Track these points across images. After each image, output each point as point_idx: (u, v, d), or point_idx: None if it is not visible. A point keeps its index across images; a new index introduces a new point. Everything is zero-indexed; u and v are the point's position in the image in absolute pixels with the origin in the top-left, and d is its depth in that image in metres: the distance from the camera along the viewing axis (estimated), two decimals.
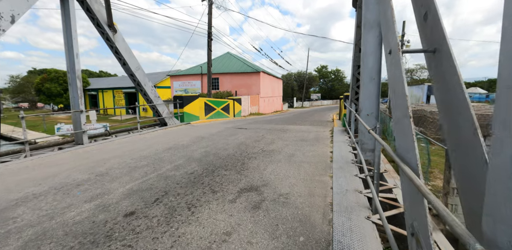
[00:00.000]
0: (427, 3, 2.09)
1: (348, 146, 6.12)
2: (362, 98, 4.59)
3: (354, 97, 7.20)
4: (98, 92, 47.49)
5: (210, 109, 13.75)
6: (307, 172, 4.32)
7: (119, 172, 4.41)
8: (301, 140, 7.20)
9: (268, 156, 5.45)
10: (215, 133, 8.66)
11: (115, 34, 7.89)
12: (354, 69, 6.58)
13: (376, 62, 4.47)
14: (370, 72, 4.50)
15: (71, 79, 6.74)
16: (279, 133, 8.55)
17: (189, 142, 6.99)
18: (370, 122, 4.55)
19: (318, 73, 70.52)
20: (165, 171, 4.48)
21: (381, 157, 4.79)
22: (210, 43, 16.56)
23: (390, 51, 2.13)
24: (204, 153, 5.74)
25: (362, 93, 4.59)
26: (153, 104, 9.58)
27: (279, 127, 10.20)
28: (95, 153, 5.90)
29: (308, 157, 5.28)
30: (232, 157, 5.41)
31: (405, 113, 1.68)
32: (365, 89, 4.57)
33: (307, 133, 8.63)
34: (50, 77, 46.88)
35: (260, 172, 4.35)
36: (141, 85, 8.97)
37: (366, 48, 4.50)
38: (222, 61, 31.11)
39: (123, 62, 8.36)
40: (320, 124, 12.26)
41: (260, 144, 6.68)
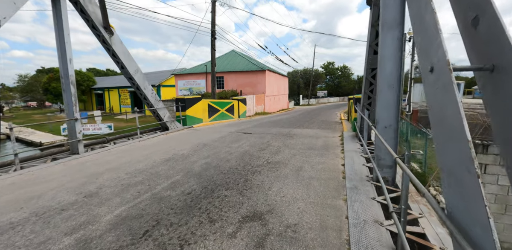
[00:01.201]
0: (478, 3, 1.58)
1: (361, 157, 5.62)
2: (379, 108, 4.08)
3: (366, 102, 6.66)
4: (104, 91, 47.64)
5: (213, 110, 13.33)
6: (318, 193, 3.85)
7: (110, 192, 4.01)
8: (309, 149, 6.71)
9: (273, 169, 5.00)
10: (218, 139, 8.24)
11: (112, 36, 7.48)
12: (367, 72, 6.04)
13: (395, 67, 3.95)
14: (388, 79, 3.98)
15: (64, 84, 6.38)
16: (285, 139, 8.08)
17: (189, 151, 6.58)
18: (388, 135, 4.04)
19: (325, 70, 69.43)
20: (160, 190, 4.07)
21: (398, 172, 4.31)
22: (214, 42, 16.08)
23: (432, 69, 1.63)
24: (205, 166, 5.32)
25: (379, 102, 4.07)
26: (154, 109, 9.20)
27: (285, 131, 9.71)
28: (89, 165, 5.53)
29: (318, 172, 4.81)
30: (234, 171, 4.98)
31: (471, 170, 1.19)
32: (382, 97, 4.05)
33: (315, 139, 8.13)
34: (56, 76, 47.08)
35: (265, 193, 3.90)
36: (141, 89, 8.58)
37: (384, 51, 3.97)
38: (227, 60, 30.62)
39: (121, 65, 7.96)
40: (329, 126, 11.72)
41: (265, 154, 6.22)
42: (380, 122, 4.10)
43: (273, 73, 30.13)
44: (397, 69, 3.95)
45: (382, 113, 4.08)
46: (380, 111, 4.08)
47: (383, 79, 4.01)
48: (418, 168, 10.37)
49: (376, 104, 4.18)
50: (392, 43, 3.92)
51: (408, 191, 2.43)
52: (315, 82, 59.91)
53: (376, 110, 4.14)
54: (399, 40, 3.90)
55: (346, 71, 71.06)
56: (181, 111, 10.68)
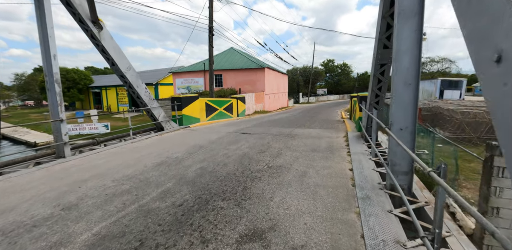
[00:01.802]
0: None
1: (370, 161, 5.18)
2: (394, 108, 3.63)
3: (374, 100, 6.21)
4: (101, 90, 47.13)
5: (211, 110, 12.87)
6: (326, 204, 3.41)
7: (92, 203, 3.57)
8: (313, 151, 6.27)
9: (275, 175, 4.55)
10: (215, 140, 7.78)
11: (101, 31, 6.99)
12: (375, 68, 5.58)
13: (412, 62, 3.49)
14: (405, 75, 3.53)
15: (48, 83, 5.90)
16: (286, 140, 7.63)
17: (184, 154, 6.13)
18: (404, 138, 3.60)
19: (325, 68, 68.89)
20: (148, 201, 3.62)
21: (414, 180, 3.83)
22: (212, 38, 15.57)
23: (500, 58, 1.18)
24: (200, 171, 4.87)
25: (394, 101, 3.62)
26: (148, 108, 8.73)
27: (286, 131, 9.27)
28: (73, 171, 5.08)
29: (324, 178, 4.37)
30: (232, 177, 4.53)
31: None
32: (397, 96, 3.60)
33: (318, 139, 7.68)
34: None
35: (266, 204, 3.46)
36: (133, 87, 8.11)
37: (400, 44, 3.52)
38: (226, 57, 30.08)
39: (112, 62, 7.48)
40: (331, 126, 11.28)
41: (266, 157, 5.78)
42: (395, 123, 3.65)
43: (273, 70, 29.63)
44: (414, 64, 3.49)
45: (398, 113, 3.63)
46: (395, 112, 3.64)
47: (398, 76, 3.56)
48: None
49: (390, 104, 3.74)
50: (409, 35, 3.47)
51: (443, 211, 1.99)
52: (315, 80, 59.39)
53: (391, 111, 3.69)
54: (417, 32, 3.44)
55: (346, 68, 70.51)
56: (177, 111, 10.21)
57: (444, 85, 28.64)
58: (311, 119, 14.92)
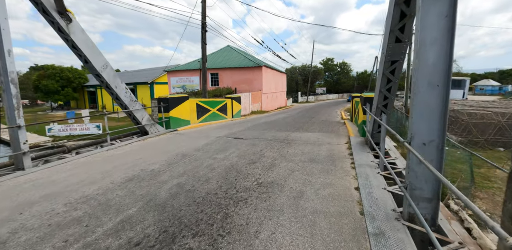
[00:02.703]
0: None
1: (378, 176, 4.37)
2: (415, 115, 2.81)
3: (382, 104, 5.39)
4: (96, 89, 46.28)
5: (203, 111, 12.03)
6: (327, 244, 2.59)
7: (25, 240, 2.74)
8: (311, 161, 5.46)
9: (265, 196, 3.74)
10: (202, 147, 6.96)
11: (70, 24, 6.14)
12: (384, 66, 4.76)
13: (441, 56, 2.67)
14: (430, 74, 2.71)
15: (4, 83, 5.06)
16: (281, 147, 6.81)
17: (162, 166, 5.30)
18: (428, 155, 2.78)
19: (324, 66, 68.04)
20: (99, 236, 2.80)
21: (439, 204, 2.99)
22: (205, 35, 14.70)
23: None
24: (175, 189, 4.05)
25: (416, 107, 2.80)
26: (129, 111, 7.89)
27: (282, 136, 8.44)
28: (26, 188, 4.24)
29: (324, 201, 3.55)
30: (212, 198, 3.71)
31: None
32: (419, 101, 2.78)
33: (317, 146, 6.86)
34: (47, 73, 45.57)
35: (250, 243, 2.64)
36: (111, 88, 7.26)
37: (425, 34, 2.69)
38: (222, 55, 29.19)
39: (85, 59, 6.63)
40: (331, 129, 10.46)
41: (256, 170, 4.96)
42: (417, 136, 2.83)
43: (270, 69, 28.78)
44: (444, 59, 2.67)
45: (420, 123, 2.81)
46: (416, 121, 2.82)
47: (421, 74, 2.74)
48: None
49: (410, 111, 2.91)
50: (437, 22, 2.64)
51: None
52: (314, 79, 58.55)
53: (411, 119, 2.87)
54: (448, 18, 2.62)
55: (345, 67, 69.70)
56: (163, 113, 9.37)
57: None
58: (310, 121, 14.10)
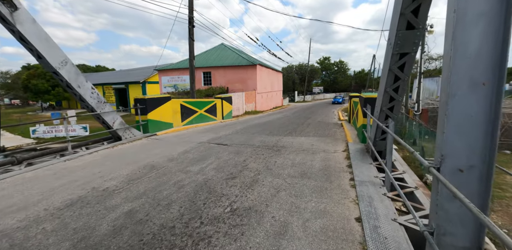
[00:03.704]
0: None
1: (385, 198, 3.43)
2: (448, 129, 1.87)
3: (387, 106, 4.45)
4: None
5: (189, 112, 11.05)
6: None
7: None
8: (302, 176, 4.52)
9: (236, 233, 2.79)
10: (177, 155, 6.00)
11: (16, 12, 5.14)
12: (391, 60, 3.82)
13: (491, 41, 1.74)
14: (472, 66, 1.78)
15: None
16: (269, 156, 5.87)
17: (120, 183, 4.34)
18: (466, 186, 1.86)
19: (321, 65, 67.24)
20: None
21: None
22: (192, 30, 13.71)
23: None
24: (122, 220, 3.09)
25: (448, 117, 1.86)
26: (97, 113, 6.90)
27: (272, 141, 7.50)
28: None
29: (315, 241, 2.61)
30: (166, 235, 2.76)
31: None
32: (455, 107, 1.85)
33: (311, 155, 5.93)
34: (37, 73, 44.32)
35: None
36: (73, 87, 6.27)
37: (466, 6, 1.76)
38: (216, 54, 28.17)
39: (37, 54, 5.63)
40: (328, 131, 9.53)
41: (234, 188, 4.01)
42: (450, 159, 1.90)
43: (265, 68, 27.81)
44: (494, 43, 1.74)
45: (455, 140, 1.87)
46: (450, 137, 1.88)
47: (459, 67, 1.81)
48: None
49: (440, 121, 1.97)
50: None
51: None
52: (311, 78, 57.72)
53: (440, 134, 1.93)
54: None
55: (342, 66, 68.96)
56: (140, 115, 8.38)
57: None
58: (305, 122, 13.18)
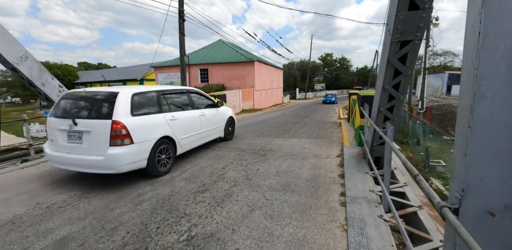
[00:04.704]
0: None
1: (381, 222, 2.75)
2: (473, 147, 1.19)
3: (385, 106, 3.74)
4: (86, 86, 44.73)
5: None
6: None
7: None
8: (285, 188, 3.84)
9: None
10: None
11: None
12: (390, 50, 3.10)
13: None
14: None
15: None
16: (253, 162, 5.20)
17: (70, 196, 3.69)
18: (500, 239, 1.17)
19: (323, 62, 66.16)
20: None
21: None
22: (183, 25, 12.98)
23: None
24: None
25: (476, 130, 1.18)
26: None
27: (260, 144, 6.82)
28: None
29: None
30: None
31: None
32: (486, 112, 1.16)
33: (300, 161, 5.24)
34: None
35: None
36: (36, 86, 5.63)
37: None
38: (213, 50, 27.43)
39: None
40: (324, 132, 8.83)
41: (200, 206, 3.35)
42: (474, 194, 1.21)
43: (264, 64, 27.02)
44: None
45: (484, 165, 1.18)
46: (476, 160, 1.18)
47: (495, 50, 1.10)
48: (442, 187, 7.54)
49: (459, 136, 1.28)
50: None
51: None
52: (313, 75, 56.77)
53: (461, 156, 1.24)
54: None
55: (345, 63, 67.79)
56: None
57: (452, 79, 26.12)
58: (302, 121, 12.48)
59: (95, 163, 3.77)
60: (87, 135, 3.86)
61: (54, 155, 4.08)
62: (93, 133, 3.81)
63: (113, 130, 3.73)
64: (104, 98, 4.03)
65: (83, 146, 3.88)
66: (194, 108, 5.56)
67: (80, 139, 3.91)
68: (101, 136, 3.77)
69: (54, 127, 4.10)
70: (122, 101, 3.91)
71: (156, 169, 4.31)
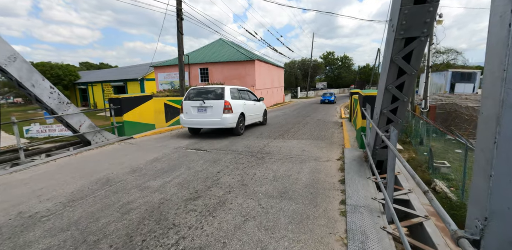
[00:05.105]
0: None
1: (384, 235, 2.53)
2: (499, 166, 0.97)
3: (388, 108, 3.50)
4: (87, 86, 44.76)
5: (175, 112, 10.20)
6: None
7: None
8: (281, 195, 3.63)
9: None
10: (144, 164, 5.16)
11: None
12: (393, 48, 2.86)
13: None
14: None
15: None
16: (250, 165, 4.99)
17: (55, 205, 3.50)
18: None
19: (324, 60, 65.73)
20: None
21: None
22: (181, 23, 12.77)
23: None
24: None
25: (503, 146, 0.95)
26: (58, 116, 6.08)
27: (259, 146, 6.61)
28: None
29: None
30: None
31: None
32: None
33: (299, 164, 5.03)
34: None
35: None
36: (25, 87, 5.44)
37: None
38: (213, 49, 27.21)
39: None
40: (325, 133, 8.59)
41: (191, 215, 3.14)
42: (500, 222, 0.98)
43: (265, 63, 26.77)
44: None
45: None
46: (503, 182, 0.96)
47: None
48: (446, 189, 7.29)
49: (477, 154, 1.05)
50: None
51: None
52: (314, 73, 56.38)
53: (480, 178, 1.02)
54: None
55: (346, 61, 67.33)
56: (114, 116, 7.54)
57: (455, 77, 25.75)
58: (303, 120, 12.25)
59: (215, 122, 7.20)
60: (210, 108, 7.27)
61: (188, 120, 7.47)
62: (214, 107, 7.23)
63: (225, 105, 7.15)
64: (218, 89, 7.48)
65: (208, 114, 7.28)
66: (250, 100, 8.95)
67: (205, 110, 7.32)
68: (218, 108, 7.19)
69: (189, 105, 7.43)
70: (227, 91, 7.45)
71: (238, 130, 7.78)
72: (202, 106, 7.30)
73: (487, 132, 0.99)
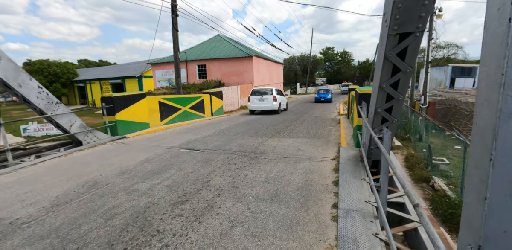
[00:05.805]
0: None
1: (376, 242, 2.40)
2: (495, 186, 0.83)
3: (383, 107, 3.35)
4: (86, 84, 44.51)
5: (170, 110, 10.04)
6: None
7: None
8: (272, 199, 3.50)
9: None
10: (134, 166, 5.03)
11: None
12: (387, 44, 2.70)
13: None
14: None
15: None
16: (243, 166, 4.86)
17: (38, 210, 3.38)
18: None
19: (324, 56, 65.19)
20: None
21: None
22: (176, 20, 12.52)
23: None
24: None
25: (500, 163, 0.81)
26: (47, 116, 5.93)
27: (253, 145, 6.47)
28: None
29: None
30: None
31: None
32: None
33: (293, 164, 4.89)
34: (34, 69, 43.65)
35: None
36: (12, 87, 5.29)
37: None
38: (211, 45, 26.89)
39: None
40: (321, 131, 8.45)
41: (176, 222, 3.01)
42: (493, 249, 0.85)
43: (263, 59, 26.48)
44: None
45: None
46: (499, 205, 0.81)
47: None
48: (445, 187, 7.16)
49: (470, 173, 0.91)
50: None
51: None
52: (313, 69, 55.99)
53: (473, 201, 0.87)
54: None
55: (346, 56, 66.79)
56: (107, 115, 7.39)
57: (455, 72, 25.47)
58: (301, 117, 12.10)
59: (268, 106, 13.84)
60: (266, 99, 13.84)
61: (253, 106, 14.16)
62: (267, 99, 13.84)
63: (274, 98, 13.78)
64: (269, 89, 14.23)
65: (264, 103, 13.88)
66: (282, 95, 15.83)
67: (263, 101, 13.89)
68: (270, 99, 13.80)
69: (254, 98, 14.02)
70: (274, 90, 14.32)
71: (278, 112, 14.44)
72: (261, 98, 13.82)
73: (482, 146, 0.85)
